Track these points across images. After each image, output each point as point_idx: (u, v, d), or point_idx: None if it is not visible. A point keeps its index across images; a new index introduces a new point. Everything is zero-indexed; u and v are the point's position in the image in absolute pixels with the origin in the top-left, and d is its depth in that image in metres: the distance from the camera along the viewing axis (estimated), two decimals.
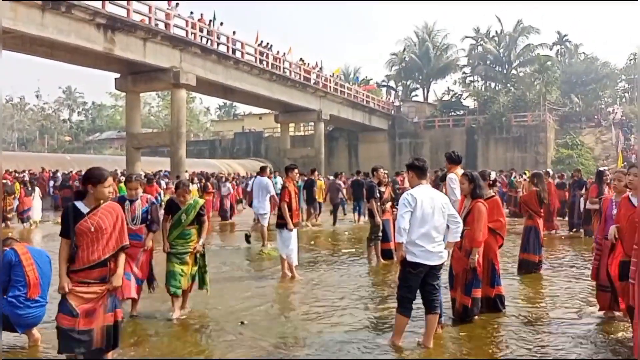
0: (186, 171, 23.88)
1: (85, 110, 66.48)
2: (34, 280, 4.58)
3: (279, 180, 14.40)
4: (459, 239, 4.85)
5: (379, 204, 8.84)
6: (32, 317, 4.62)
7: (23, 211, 15.28)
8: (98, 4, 19.10)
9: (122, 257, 3.91)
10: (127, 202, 5.41)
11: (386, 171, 9.70)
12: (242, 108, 64.07)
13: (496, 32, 49.76)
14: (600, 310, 5.55)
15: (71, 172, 24.37)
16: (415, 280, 4.53)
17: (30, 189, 15.84)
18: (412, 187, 4.67)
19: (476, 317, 5.43)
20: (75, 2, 17.99)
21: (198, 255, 5.79)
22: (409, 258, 4.46)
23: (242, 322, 5.46)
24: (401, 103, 48.56)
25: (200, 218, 5.74)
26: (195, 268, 5.79)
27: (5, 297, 4.46)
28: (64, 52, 20.40)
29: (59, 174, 24.05)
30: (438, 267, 4.61)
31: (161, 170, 26.82)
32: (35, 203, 15.72)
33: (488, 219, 5.38)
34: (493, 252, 5.66)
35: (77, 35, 18.59)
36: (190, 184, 17.61)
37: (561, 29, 62.37)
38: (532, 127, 38.76)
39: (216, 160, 38.75)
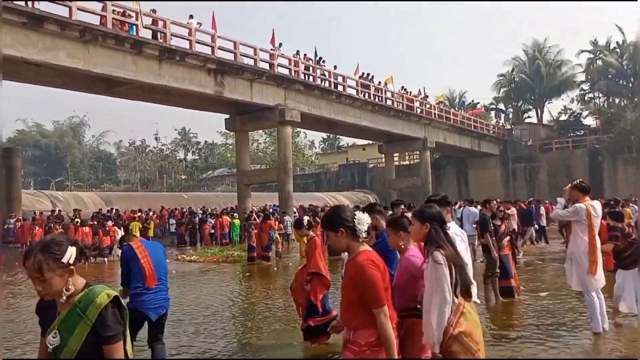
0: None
1: (198, 149, 70.68)
2: (149, 272, 4.78)
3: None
4: None
5: (493, 238, 8.31)
6: (155, 302, 4.81)
7: (102, 248, 16.89)
8: (208, 50, 20.25)
9: None
10: None
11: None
12: (345, 140, 64.71)
13: (617, 43, 45.76)
14: None
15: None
16: None
17: (107, 229, 17.44)
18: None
19: None
20: (189, 51, 19.24)
21: None
22: None
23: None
24: (513, 126, 46.07)
25: (106, 344, 2.11)
26: None
27: (130, 289, 4.82)
28: (178, 97, 21.75)
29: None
30: None
31: (272, 204, 27.40)
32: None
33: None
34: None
35: (190, 81, 19.73)
36: (290, 219, 16.75)
37: None
38: None
39: (322, 193, 39.07)
